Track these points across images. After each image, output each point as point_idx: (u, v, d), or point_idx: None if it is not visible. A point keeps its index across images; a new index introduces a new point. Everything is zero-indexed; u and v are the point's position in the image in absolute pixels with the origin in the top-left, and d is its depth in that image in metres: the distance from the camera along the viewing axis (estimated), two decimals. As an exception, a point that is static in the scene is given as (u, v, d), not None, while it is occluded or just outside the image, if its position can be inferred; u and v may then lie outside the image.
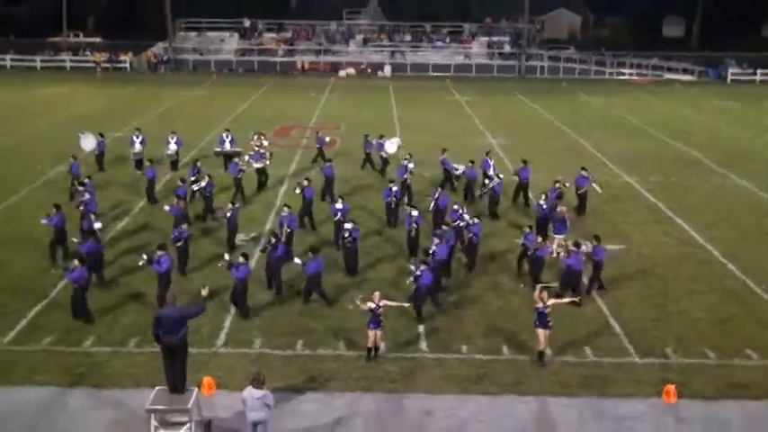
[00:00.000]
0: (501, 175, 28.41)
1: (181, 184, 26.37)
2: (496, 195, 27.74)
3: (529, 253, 21.48)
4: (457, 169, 30.24)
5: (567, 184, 27.35)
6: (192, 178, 27.51)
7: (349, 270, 22.51)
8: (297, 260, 20.90)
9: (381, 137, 34.02)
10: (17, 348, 17.68)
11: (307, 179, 26.66)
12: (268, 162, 31.43)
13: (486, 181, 28.59)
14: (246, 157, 31.08)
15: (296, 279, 21.09)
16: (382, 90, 62.07)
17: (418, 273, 18.91)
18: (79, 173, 29.10)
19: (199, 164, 28.75)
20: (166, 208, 24.83)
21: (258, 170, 31.01)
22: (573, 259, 20.54)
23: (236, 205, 24.66)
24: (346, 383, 16.42)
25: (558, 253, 22.87)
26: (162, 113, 47.82)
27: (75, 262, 18.86)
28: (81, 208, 24.17)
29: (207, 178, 26.73)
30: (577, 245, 20.96)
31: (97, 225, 22.73)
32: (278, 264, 20.98)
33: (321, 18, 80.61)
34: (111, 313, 19.42)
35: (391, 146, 33.51)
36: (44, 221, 22.60)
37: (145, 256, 19.87)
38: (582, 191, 28.00)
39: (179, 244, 21.97)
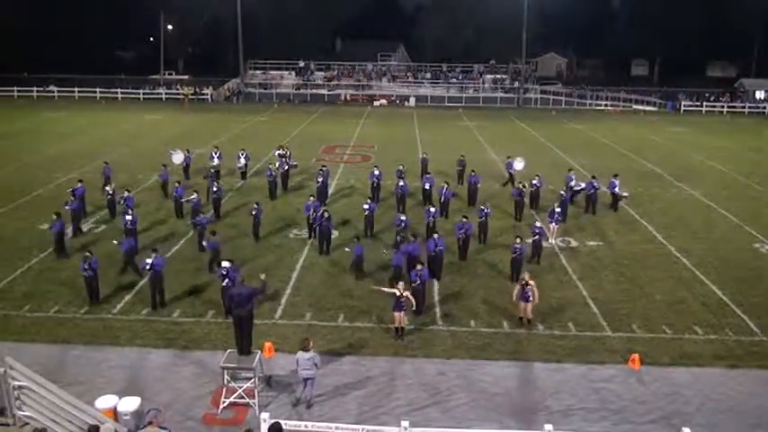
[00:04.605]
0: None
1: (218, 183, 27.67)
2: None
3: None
4: (579, 185, 29.28)
5: (526, 185, 28.44)
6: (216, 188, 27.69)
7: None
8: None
9: (509, 157, 33.36)
10: (123, 318, 17.91)
11: (321, 169, 29.38)
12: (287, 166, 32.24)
13: (620, 194, 29.03)
14: (277, 164, 31.40)
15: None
16: (408, 117, 61.90)
17: (419, 269, 18.10)
18: (111, 176, 29.67)
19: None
20: (184, 200, 25.88)
21: (283, 174, 31.65)
22: (411, 246, 20.38)
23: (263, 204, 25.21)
24: (377, 350, 16.41)
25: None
26: (235, 135, 48.07)
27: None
28: (121, 202, 25.08)
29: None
30: (415, 236, 21.67)
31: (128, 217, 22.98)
32: (327, 234, 22.59)
33: (360, 60, 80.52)
34: (193, 291, 19.59)
35: (519, 164, 32.35)
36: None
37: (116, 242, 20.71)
38: (612, 193, 28.90)
39: (198, 229, 23.00)
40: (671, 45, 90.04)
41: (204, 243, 21.61)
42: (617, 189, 28.91)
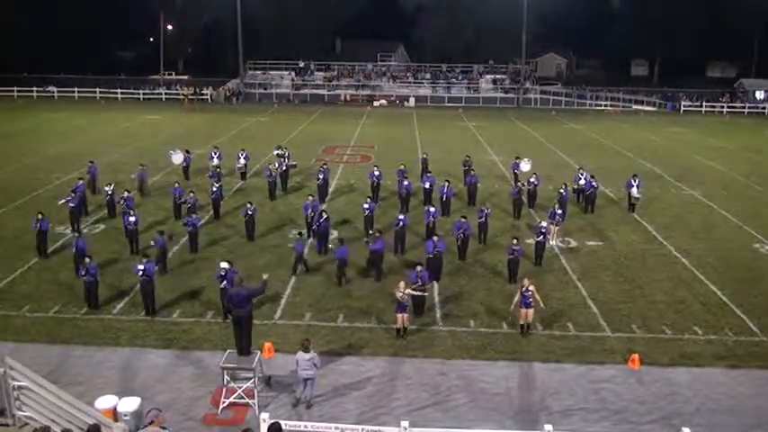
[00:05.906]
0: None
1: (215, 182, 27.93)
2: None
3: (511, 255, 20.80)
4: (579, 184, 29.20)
5: (525, 183, 28.80)
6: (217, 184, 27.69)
7: (398, 249, 22.78)
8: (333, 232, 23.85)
9: (517, 158, 33.06)
10: (122, 318, 17.92)
11: (322, 167, 30.17)
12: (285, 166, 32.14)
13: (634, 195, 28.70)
14: (276, 164, 31.32)
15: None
16: (408, 117, 61.87)
17: (419, 270, 17.97)
18: (97, 175, 30.45)
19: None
20: (181, 200, 25.82)
21: (282, 174, 31.56)
22: (377, 244, 20.53)
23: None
24: (377, 350, 16.42)
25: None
26: (234, 135, 48.01)
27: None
28: (121, 202, 25.06)
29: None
30: (380, 232, 21.44)
31: (132, 219, 22.81)
32: (325, 233, 22.62)
33: (360, 60, 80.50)
34: (193, 292, 19.61)
35: (525, 165, 31.80)
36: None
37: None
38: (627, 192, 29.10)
39: (189, 229, 22.73)
40: (671, 45, 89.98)
41: (152, 242, 21.21)
42: (634, 190, 28.69)
